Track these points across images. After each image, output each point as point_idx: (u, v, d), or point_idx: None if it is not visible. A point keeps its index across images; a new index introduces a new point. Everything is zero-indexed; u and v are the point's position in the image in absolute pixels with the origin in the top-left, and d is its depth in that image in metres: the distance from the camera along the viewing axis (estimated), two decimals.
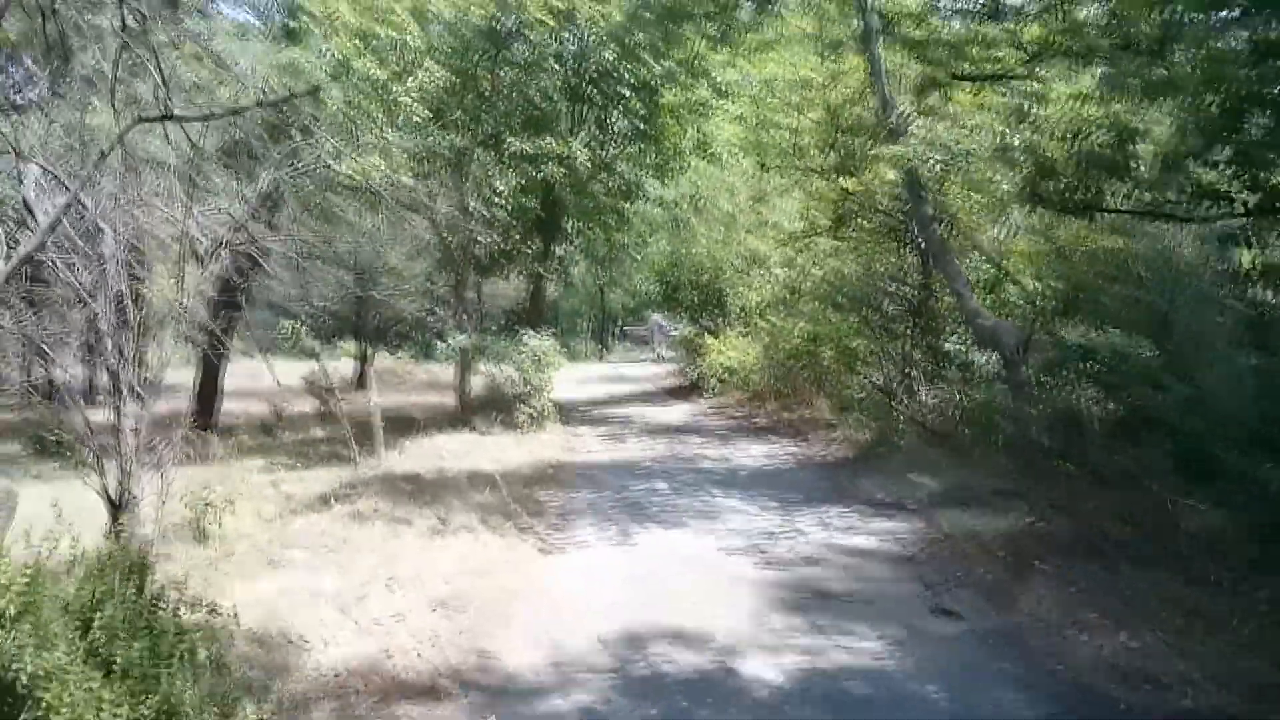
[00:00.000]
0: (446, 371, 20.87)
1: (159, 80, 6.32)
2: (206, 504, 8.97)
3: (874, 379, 13.17)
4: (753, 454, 12.70)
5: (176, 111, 6.61)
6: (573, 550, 7.81)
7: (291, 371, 21.72)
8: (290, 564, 7.22)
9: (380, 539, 7.79)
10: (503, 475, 10.89)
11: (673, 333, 36.93)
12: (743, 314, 20.95)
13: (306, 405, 19.28)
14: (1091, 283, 8.48)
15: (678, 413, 18.26)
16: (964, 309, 9.25)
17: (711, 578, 6.80)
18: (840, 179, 12.54)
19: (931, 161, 9.03)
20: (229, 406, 22.14)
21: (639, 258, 25.17)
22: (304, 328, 12.87)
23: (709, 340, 19.41)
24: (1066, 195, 7.65)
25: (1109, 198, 7.80)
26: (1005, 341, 8.58)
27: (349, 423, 13.17)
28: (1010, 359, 8.57)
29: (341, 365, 29.45)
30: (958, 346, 13.31)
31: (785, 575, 6.85)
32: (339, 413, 12.90)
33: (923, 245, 13.88)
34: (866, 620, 5.80)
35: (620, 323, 53.22)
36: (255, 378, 26.27)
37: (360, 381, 27.08)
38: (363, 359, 27.78)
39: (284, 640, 5.44)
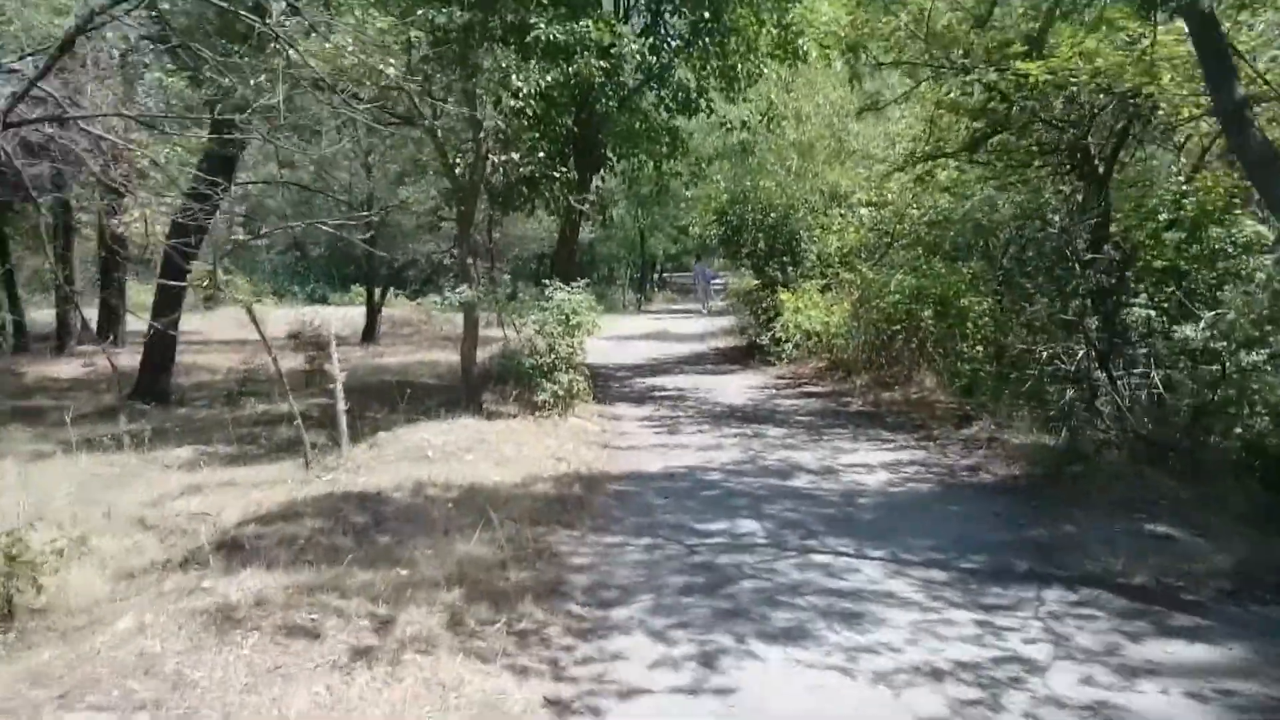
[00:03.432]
0: None
1: None
2: (12, 559, 5.60)
3: (1054, 356, 9.26)
4: (867, 462, 8.91)
5: None
6: (615, 707, 4.12)
7: (310, 317, 18.40)
8: None
9: (252, 676, 4.16)
10: (506, 499, 7.29)
11: (718, 281, 33.41)
12: (819, 263, 17.06)
13: (299, 360, 15.75)
14: None
15: (741, 386, 14.47)
16: None
17: None
18: (1013, 64, 8.59)
19: None
20: (214, 362, 18.80)
21: (691, 194, 21.29)
22: (223, 270, 9.11)
23: (783, 295, 15.53)
24: None
25: None
26: None
27: (326, 390, 9.58)
28: None
29: (351, 312, 26.12)
30: (1147, 311, 9.54)
31: None
32: (283, 389, 9.25)
33: (1101, 170, 10.01)
34: None
35: (660, 270, 49.68)
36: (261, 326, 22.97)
37: (368, 333, 23.61)
38: (370, 306, 24.28)
39: None
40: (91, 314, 21.91)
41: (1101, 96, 9.30)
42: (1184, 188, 9.27)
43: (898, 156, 13.60)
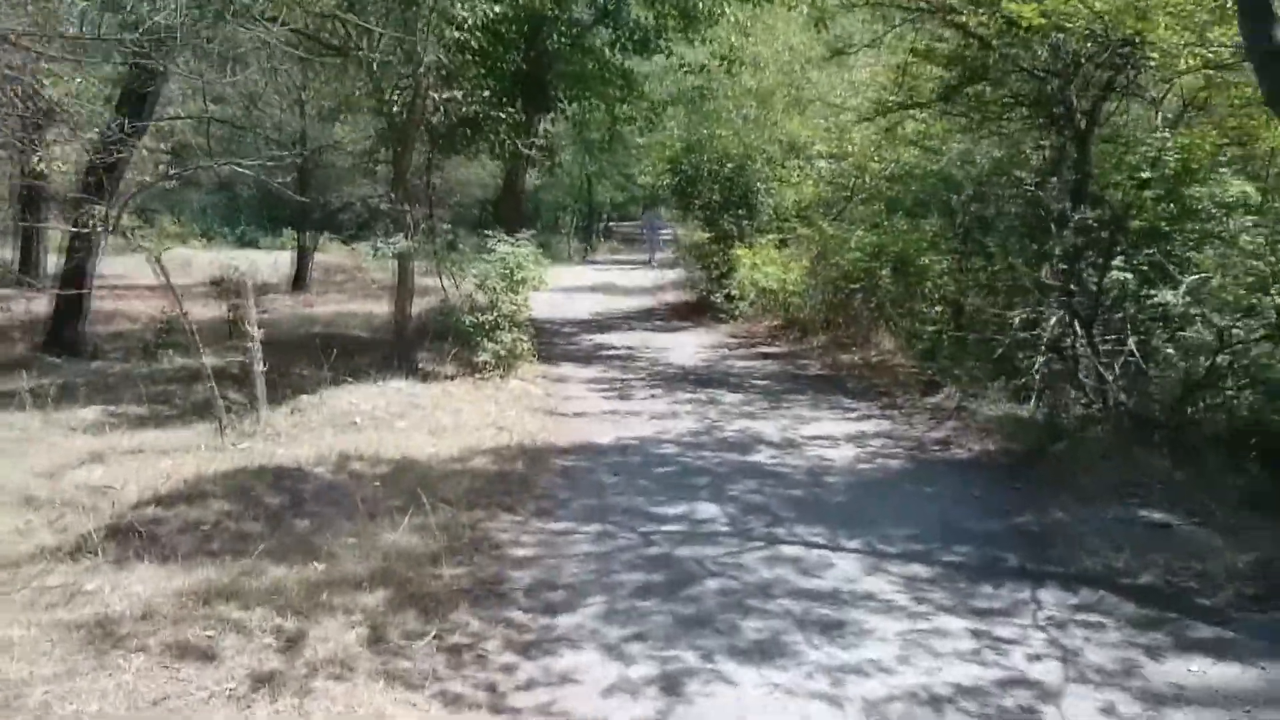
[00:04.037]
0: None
1: None
2: None
3: (1029, 322, 8.68)
4: (831, 433, 8.34)
5: None
6: None
7: (239, 261, 17.44)
8: None
9: (133, 711, 3.43)
10: (441, 476, 6.60)
11: (665, 231, 32.63)
12: (775, 217, 16.41)
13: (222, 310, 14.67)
14: None
15: (693, 345, 13.84)
16: None
17: None
18: (1003, 5, 7.92)
19: None
20: (135, 308, 17.59)
21: (643, 142, 20.40)
22: (133, 213, 8.12)
23: (739, 251, 14.87)
24: None
25: None
26: None
27: (250, 344, 8.64)
28: None
29: (281, 257, 24.85)
30: (1124, 275, 9.00)
31: None
32: (196, 345, 8.35)
33: (1082, 125, 9.43)
34: None
35: (606, 219, 48.61)
36: (185, 270, 21.71)
37: (298, 280, 22.47)
38: (301, 251, 23.10)
39: None
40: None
41: (1089, 45, 8.71)
42: (1166, 144, 8.69)
43: (862, 105, 12.96)
